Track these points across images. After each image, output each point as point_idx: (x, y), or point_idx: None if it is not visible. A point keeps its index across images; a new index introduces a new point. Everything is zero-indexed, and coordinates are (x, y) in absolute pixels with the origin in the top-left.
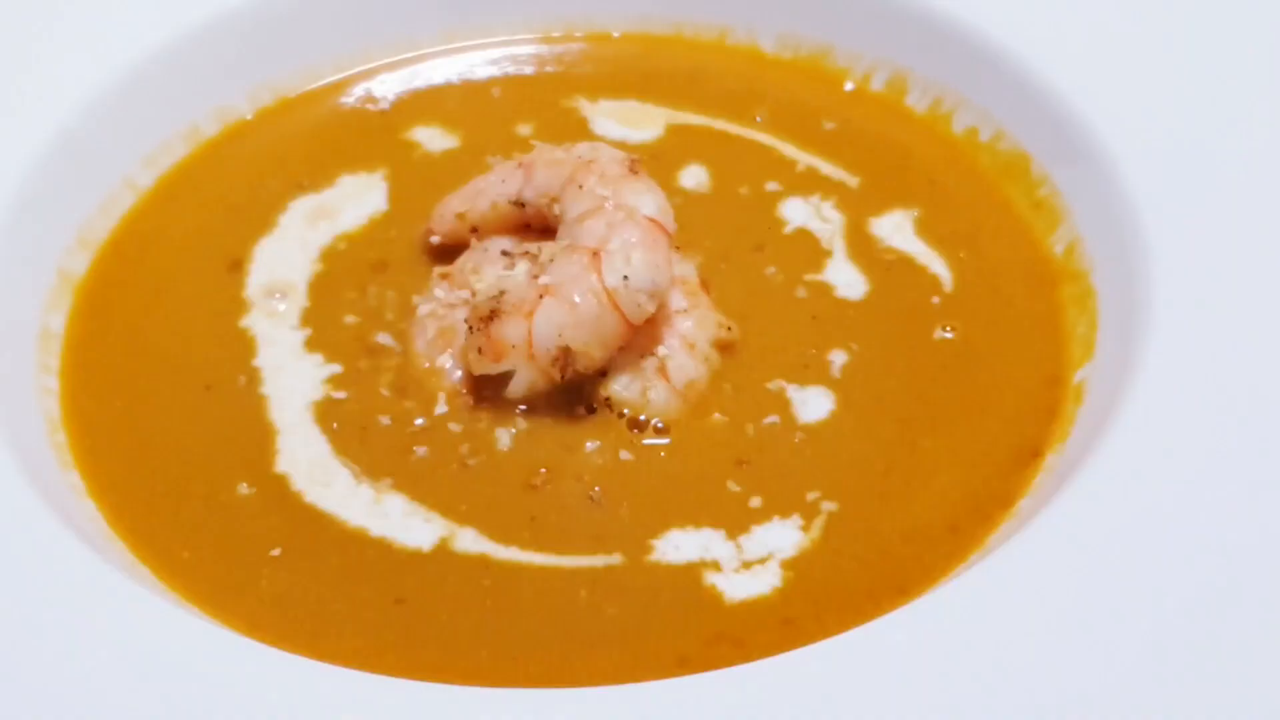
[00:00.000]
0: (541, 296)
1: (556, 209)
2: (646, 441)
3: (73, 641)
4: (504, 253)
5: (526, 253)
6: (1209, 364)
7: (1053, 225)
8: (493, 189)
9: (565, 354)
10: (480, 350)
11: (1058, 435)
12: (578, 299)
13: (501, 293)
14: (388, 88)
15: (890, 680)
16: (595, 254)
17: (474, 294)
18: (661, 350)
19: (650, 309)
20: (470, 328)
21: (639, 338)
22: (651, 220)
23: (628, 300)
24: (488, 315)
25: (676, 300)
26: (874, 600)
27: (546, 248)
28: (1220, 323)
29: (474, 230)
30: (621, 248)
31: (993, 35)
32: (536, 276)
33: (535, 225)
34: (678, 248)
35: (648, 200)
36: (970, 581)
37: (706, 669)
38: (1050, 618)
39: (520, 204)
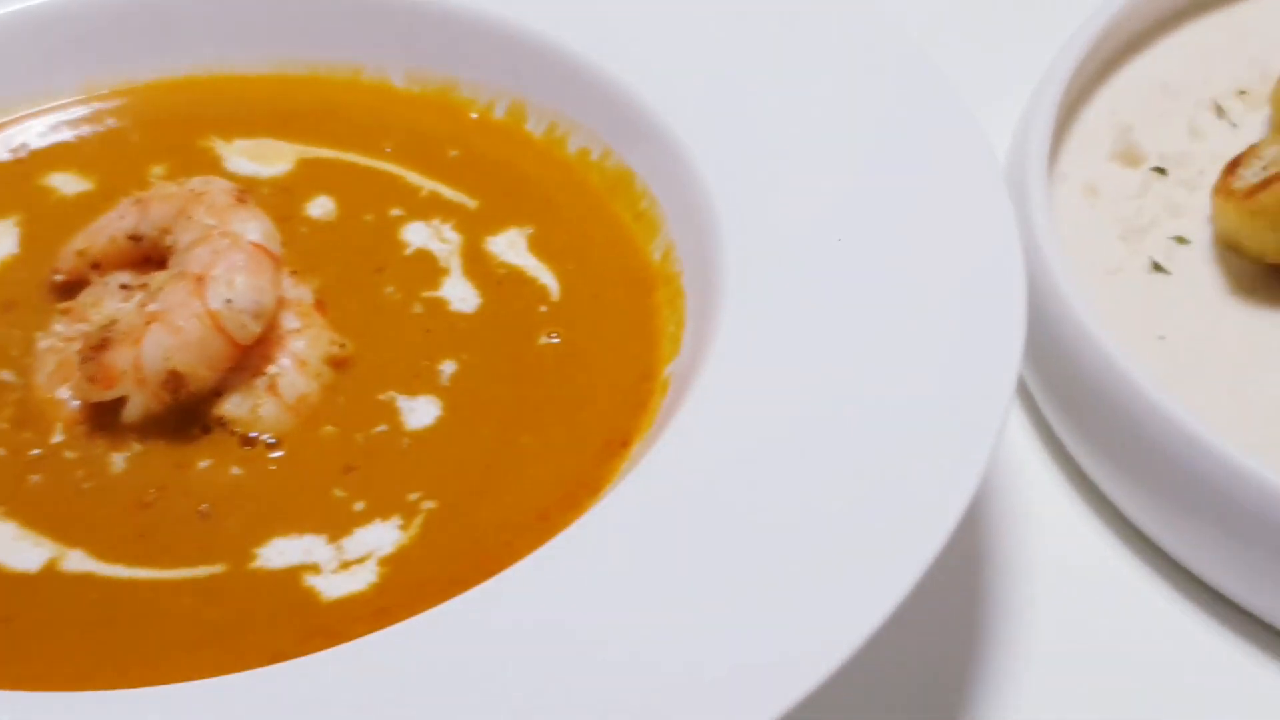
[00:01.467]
0: (149, 323)
1: (169, 240)
2: (258, 456)
3: None
4: (123, 286)
5: (144, 285)
6: (766, 357)
7: (652, 234)
8: (111, 225)
9: (174, 377)
10: (91, 378)
11: (645, 426)
12: (183, 323)
13: (113, 322)
14: (26, 137)
15: (467, 650)
16: (200, 279)
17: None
18: (272, 368)
19: (256, 329)
20: (82, 358)
21: (250, 358)
22: (257, 245)
23: (232, 322)
24: (99, 344)
25: (290, 321)
26: (463, 585)
27: (157, 277)
28: (779, 320)
29: (95, 266)
30: (225, 272)
31: (599, 65)
32: (146, 305)
33: (155, 258)
34: (293, 272)
35: (253, 227)
36: (544, 557)
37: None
38: (619, 582)
39: (137, 238)
